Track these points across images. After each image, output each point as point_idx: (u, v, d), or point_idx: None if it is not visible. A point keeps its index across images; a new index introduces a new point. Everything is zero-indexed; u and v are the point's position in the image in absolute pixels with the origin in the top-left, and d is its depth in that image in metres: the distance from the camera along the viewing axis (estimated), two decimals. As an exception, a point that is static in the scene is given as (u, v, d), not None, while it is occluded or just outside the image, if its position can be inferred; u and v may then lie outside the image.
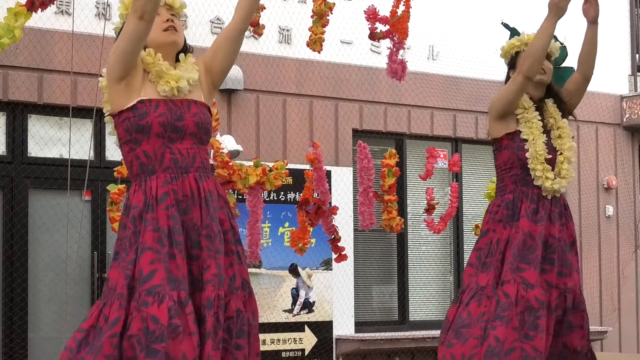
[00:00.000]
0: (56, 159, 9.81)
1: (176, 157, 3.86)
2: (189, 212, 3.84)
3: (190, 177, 3.87)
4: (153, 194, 3.82)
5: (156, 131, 3.85)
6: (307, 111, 11.25)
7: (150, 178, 3.85)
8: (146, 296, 3.70)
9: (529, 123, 5.00)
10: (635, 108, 13.52)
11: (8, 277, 9.54)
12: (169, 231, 3.77)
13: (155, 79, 3.94)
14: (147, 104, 3.87)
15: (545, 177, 4.94)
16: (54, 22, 9.60)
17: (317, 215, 6.21)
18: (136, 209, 3.82)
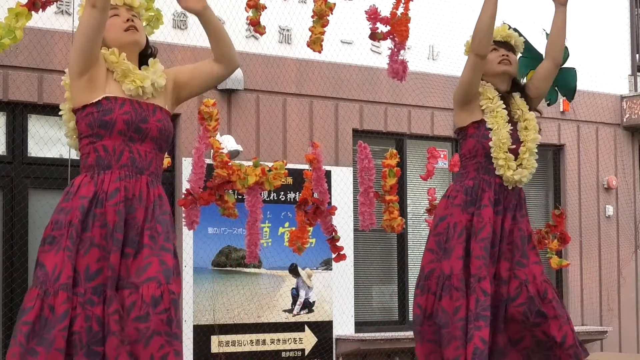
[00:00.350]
0: (56, 159, 9.81)
1: (134, 156, 3.91)
2: (133, 211, 3.87)
3: (143, 178, 3.92)
4: (105, 188, 3.86)
5: (119, 128, 3.88)
6: (307, 111, 11.25)
7: (105, 172, 3.88)
8: (92, 294, 3.74)
9: (494, 112, 5.02)
10: (635, 108, 13.52)
11: (8, 277, 9.54)
12: (112, 227, 3.81)
13: (120, 77, 3.96)
14: (112, 101, 3.91)
15: (507, 166, 4.96)
16: (54, 22, 9.60)
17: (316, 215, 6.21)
18: (85, 199, 3.84)
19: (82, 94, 3.94)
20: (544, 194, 13.12)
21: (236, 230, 10.36)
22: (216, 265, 10.49)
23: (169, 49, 10.20)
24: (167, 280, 3.78)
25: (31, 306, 3.77)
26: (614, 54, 13.49)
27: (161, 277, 3.78)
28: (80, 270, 3.79)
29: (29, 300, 3.79)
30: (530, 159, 5.02)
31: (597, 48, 12.91)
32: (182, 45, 10.31)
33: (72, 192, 3.92)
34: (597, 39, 13.02)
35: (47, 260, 3.86)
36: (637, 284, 13.64)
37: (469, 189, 4.99)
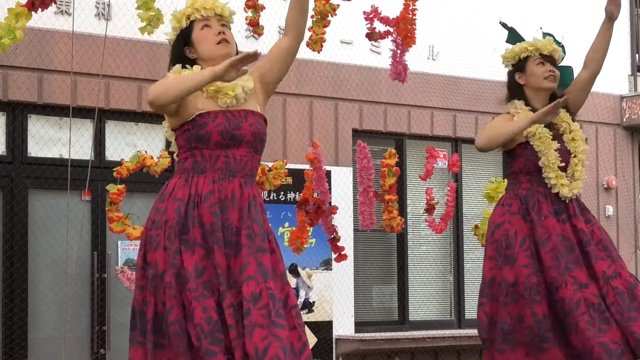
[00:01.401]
0: (56, 159, 9.81)
1: (229, 161, 4.05)
2: (226, 213, 3.99)
3: (235, 181, 4.04)
4: (199, 191, 4.00)
5: (215, 139, 4.04)
6: (307, 111, 11.25)
7: (199, 176, 4.03)
8: (203, 289, 3.88)
9: (537, 136, 5.09)
10: (635, 108, 13.53)
11: (8, 277, 9.54)
12: (210, 228, 3.95)
13: (213, 94, 4.09)
14: (205, 116, 4.05)
15: (561, 184, 5.03)
16: (54, 22, 9.60)
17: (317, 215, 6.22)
18: (181, 202, 3.99)
19: (177, 119, 4.10)
20: (543, 194, 13.13)
21: (236, 230, 10.35)
22: (216, 265, 10.49)
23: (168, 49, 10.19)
24: (264, 279, 3.92)
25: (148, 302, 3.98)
26: (614, 54, 13.44)
27: (259, 277, 3.92)
28: (189, 269, 3.92)
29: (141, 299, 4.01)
30: (582, 169, 5.11)
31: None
32: (182, 45, 10.31)
33: (166, 194, 4.07)
34: (597, 39, 13.00)
35: (152, 258, 4.03)
36: (637, 284, 13.64)
37: (523, 198, 5.07)
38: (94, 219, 9.94)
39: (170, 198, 4.03)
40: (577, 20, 12.83)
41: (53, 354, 9.42)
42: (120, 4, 9.75)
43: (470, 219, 12.04)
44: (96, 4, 9.99)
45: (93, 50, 9.64)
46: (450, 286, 12.34)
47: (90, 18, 9.81)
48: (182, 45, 4.31)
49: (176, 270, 3.93)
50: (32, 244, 9.69)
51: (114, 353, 9.86)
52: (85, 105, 9.58)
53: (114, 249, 9.97)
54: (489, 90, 12.12)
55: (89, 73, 9.68)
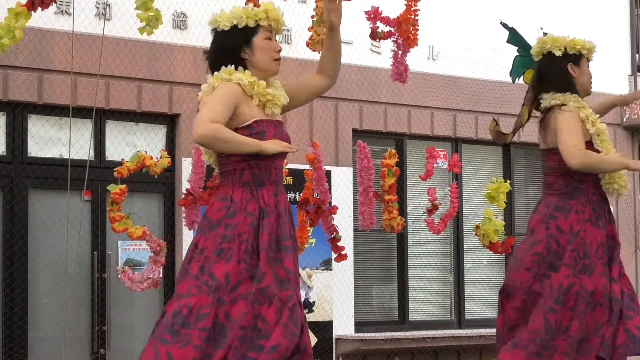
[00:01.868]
0: (56, 159, 9.81)
1: (278, 172, 4.31)
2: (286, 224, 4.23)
3: (282, 190, 4.30)
4: (267, 202, 4.18)
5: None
6: (307, 111, 11.25)
7: (262, 188, 4.20)
8: (260, 295, 4.05)
9: (601, 136, 5.12)
10: (635, 108, 13.52)
11: (8, 277, 9.54)
12: (277, 237, 4.16)
13: (263, 103, 4.25)
14: (261, 124, 4.24)
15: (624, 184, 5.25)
16: (54, 22, 9.60)
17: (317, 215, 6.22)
18: (253, 217, 4.15)
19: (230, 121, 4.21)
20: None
21: (236, 230, 10.35)
22: (216, 265, 10.49)
23: (168, 49, 10.21)
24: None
25: (207, 313, 4.03)
26: (614, 54, 13.49)
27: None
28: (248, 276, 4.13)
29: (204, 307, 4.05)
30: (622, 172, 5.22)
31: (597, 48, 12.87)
32: (182, 45, 10.31)
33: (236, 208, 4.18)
34: (597, 39, 12.97)
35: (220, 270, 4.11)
36: (637, 284, 13.63)
37: (595, 205, 5.13)
38: (94, 219, 9.93)
39: (242, 212, 4.16)
40: (579, 22, 12.83)
41: (53, 354, 9.42)
42: (120, 4, 9.75)
43: (470, 219, 12.04)
44: (96, 4, 9.99)
45: (93, 50, 9.64)
46: (450, 286, 12.33)
47: (90, 18, 9.81)
48: (241, 41, 4.31)
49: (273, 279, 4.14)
50: (32, 244, 9.69)
51: (114, 353, 9.86)
52: (85, 105, 9.58)
53: (114, 249, 9.97)
54: (489, 90, 12.12)
55: (89, 73, 9.67)
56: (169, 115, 10.40)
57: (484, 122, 12.04)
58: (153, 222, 10.08)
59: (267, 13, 4.30)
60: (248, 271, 4.08)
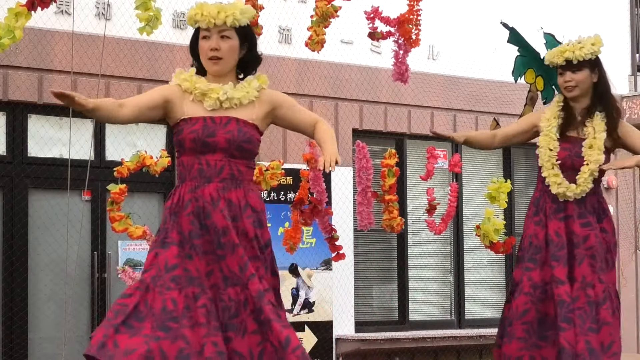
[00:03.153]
0: (56, 159, 9.80)
1: (202, 167, 4.22)
2: (209, 218, 4.17)
3: (211, 186, 4.19)
4: (182, 198, 4.22)
5: (188, 146, 4.23)
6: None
7: (183, 185, 4.25)
8: (170, 282, 4.08)
9: (545, 131, 5.22)
10: (635, 108, 13.52)
11: (8, 277, 9.53)
12: (188, 235, 4.16)
13: (200, 97, 4.26)
14: (188, 121, 4.25)
15: (556, 183, 5.16)
16: (54, 22, 9.59)
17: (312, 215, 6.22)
18: (169, 209, 4.25)
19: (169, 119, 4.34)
20: (544, 194, 13.11)
21: (236, 230, 10.35)
22: (216, 265, 10.49)
23: (168, 49, 10.20)
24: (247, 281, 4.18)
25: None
26: (614, 54, 13.47)
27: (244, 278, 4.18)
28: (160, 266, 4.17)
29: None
30: (588, 178, 5.16)
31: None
32: (182, 45, 10.30)
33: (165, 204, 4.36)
34: (597, 39, 13.00)
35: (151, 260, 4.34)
36: (637, 284, 13.63)
37: (536, 200, 5.27)
38: (94, 218, 9.93)
39: (165, 207, 4.33)
40: (580, 22, 12.82)
41: (53, 354, 9.42)
42: (120, 3, 9.75)
43: (470, 219, 12.03)
44: (96, 4, 9.98)
45: (93, 50, 9.63)
46: (450, 286, 12.33)
47: (90, 18, 9.81)
48: (195, 45, 4.39)
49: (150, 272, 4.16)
50: (32, 244, 9.69)
51: (114, 353, 9.85)
52: (85, 105, 9.56)
53: (114, 248, 9.96)
54: (489, 90, 12.12)
55: (89, 73, 9.67)
56: (169, 115, 10.39)
57: (484, 122, 12.03)
58: (153, 221, 10.08)
59: (199, 12, 4.29)
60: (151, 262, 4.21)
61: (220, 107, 4.26)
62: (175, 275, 4.10)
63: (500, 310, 5.76)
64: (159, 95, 4.28)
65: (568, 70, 5.23)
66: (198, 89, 4.26)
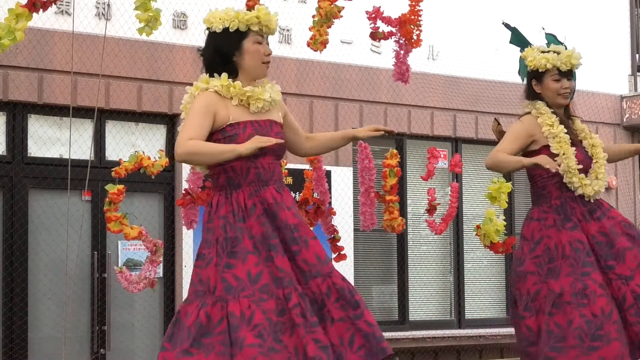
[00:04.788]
0: (56, 159, 9.80)
1: (259, 171, 4.31)
2: (277, 217, 4.25)
3: (270, 188, 4.31)
4: (241, 205, 4.26)
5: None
6: (307, 111, 11.24)
7: (237, 191, 4.28)
8: (261, 293, 4.12)
9: (557, 138, 5.19)
10: (635, 108, 13.52)
11: (8, 277, 9.53)
12: (262, 237, 4.21)
13: (245, 102, 4.32)
14: (235, 126, 4.29)
15: (584, 184, 5.16)
16: (54, 22, 9.59)
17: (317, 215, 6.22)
18: (225, 219, 4.24)
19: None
20: (544, 194, 13.11)
21: (236, 230, 10.34)
22: (216, 265, 10.47)
23: (168, 49, 10.20)
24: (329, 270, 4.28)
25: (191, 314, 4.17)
26: (614, 54, 13.48)
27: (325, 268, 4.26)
28: (243, 277, 4.16)
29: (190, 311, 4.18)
30: (604, 172, 5.25)
31: (597, 48, 12.90)
32: (182, 45, 10.31)
33: (212, 212, 4.31)
34: (597, 39, 13.01)
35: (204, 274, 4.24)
36: (637, 284, 13.63)
37: (558, 208, 5.19)
38: (94, 219, 9.93)
39: (215, 216, 4.27)
40: (580, 22, 12.82)
41: (53, 354, 9.42)
42: (120, 4, 9.75)
43: (470, 219, 12.03)
44: (96, 4, 9.98)
45: (93, 50, 9.63)
46: (450, 286, 12.33)
47: (90, 18, 9.81)
48: (233, 45, 4.41)
49: (226, 285, 4.14)
50: (32, 244, 9.68)
51: (113, 353, 9.86)
52: (85, 105, 9.58)
53: (114, 249, 9.96)
54: (489, 90, 12.11)
55: (89, 73, 9.67)
56: (169, 115, 10.39)
57: (484, 122, 12.03)
58: (152, 222, 10.08)
59: (258, 18, 4.38)
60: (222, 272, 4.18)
61: (261, 110, 4.35)
62: (264, 285, 4.15)
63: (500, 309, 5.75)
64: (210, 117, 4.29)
65: (565, 77, 5.27)
66: (245, 93, 4.32)
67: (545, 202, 5.23)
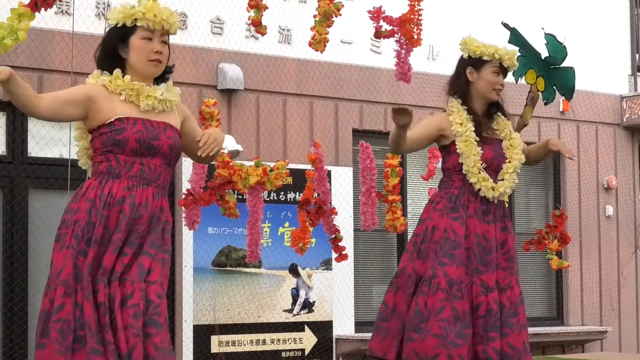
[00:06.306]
0: (56, 159, 9.80)
1: (144, 169, 4.14)
2: (138, 218, 4.12)
3: (149, 189, 4.16)
4: (112, 194, 4.09)
5: (132, 146, 4.11)
6: (307, 111, 11.24)
7: (114, 181, 4.13)
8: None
9: (463, 137, 5.19)
10: (635, 108, 13.52)
11: (8, 277, 9.54)
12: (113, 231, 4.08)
13: (134, 97, 4.16)
14: (125, 121, 4.12)
15: (485, 186, 5.13)
16: (54, 22, 9.59)
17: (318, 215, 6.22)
18: (92, 203, 4.08)
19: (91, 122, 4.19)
20: (544, 194, 13.12)
21: (236, 230, 10.36)
22: (216, 265, 10.49)
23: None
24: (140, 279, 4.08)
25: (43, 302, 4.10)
26: (614, 54, 13.48)
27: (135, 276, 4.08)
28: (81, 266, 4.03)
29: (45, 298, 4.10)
30: (512, 175, 5.21)
31: (597, 48, 12.91)
32: (182, 45, 10.30)
33: (80, 194, 4.15)
34: (597, 39, 13.02)
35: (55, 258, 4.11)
36: (637, 284, 13.64)
37: (453, 197, 5.16)
38: (94, 219, 9.92)
39: (83, 199, 4.11)
40: (579, 22, 12.83)
41: (53, 354, 9.41)
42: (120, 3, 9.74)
43: (470, 219, 12.02)
44: (96, 4, 9.98)
45: (93, 50, 9.60)
46: (450, 286, 12.32)
47: (90, 18, 9.81)
48: (117, 40, 4.27)
49: (77, 272, 4.01)
50: (32, 244, 9.69)
51: (114, 353, 9.85)
52: (86, 105, 9.56)
53: (114, 249, 9.96)
54: (489, 90, 12.11)
55: (89, 73, 9.61)
56: (169, 115, 10.39)
57: (484, 122, 12.03)
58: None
59: (144, 12, 4.21)
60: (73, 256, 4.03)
61: (152, 110, 4.19)
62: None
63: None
64: (80, 92, 4.19)
65: (502, 74, 5.30)
66: (134, 87, 4.16)
67: (445, 188, 5.21)
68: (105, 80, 4.21)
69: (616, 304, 13.33)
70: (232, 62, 10.53)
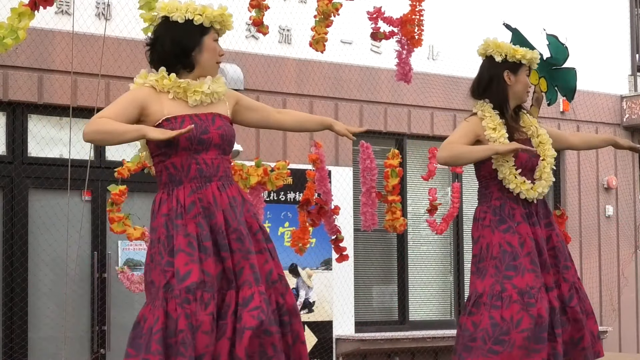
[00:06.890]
0: (56, 159, 9.80)
1: (201, 167, 4.13)
2: (213, 218, 4.09)
3: (213, 185, 4.13)
4: (181, 202, 4.09)
5: (183, 145, 4.11)
6: (308, 111, 11.23)
7: (178, 188, 4.12)
8: (186, 294, 3.97)
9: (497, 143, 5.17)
10: (635, 108, 13.52)
11: (8, 277, 9.53)
12: (197, 237, 4.05)
13: (182, 95, 4.18)
14: (172, 121, 4.13)
15: (525, 189, 5.10)
16: (54, 22, 9.59)
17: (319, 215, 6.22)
18: (167, 216, 4.10)
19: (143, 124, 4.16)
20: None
21: (236, 230, 10.35)
22: (216, 265, 10.48)
23: (169, 48, 10.19)
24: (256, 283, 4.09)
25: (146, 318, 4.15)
26: (614, 54, 13.48)
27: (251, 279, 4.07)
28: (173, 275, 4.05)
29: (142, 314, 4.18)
30: (549, 172, 5.18)
31: (597, 48, 12.90)
32: (182, 45, 10.30)
33: (155, 211, 4.17)
34: (597, 39, 13.02)
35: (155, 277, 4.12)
36: (637, 284, 13.64)
37: (497, 209, 5.15)
38: (94, 219, 9.93)
39: (158, 215, 4.13)
40: (579, 22, 12.83)
41: (53, 354, 9.41)
42: (120, 3, 9.75)
43: (470, 219, 12.00)
44: (96, 4, 9.98)
45: (93, 50, 9.63)
46: (450, 286, 12.33)
47: (90, 18, 9.80)
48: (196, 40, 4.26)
49: (166, 282, 4.02)
50: (32, 244, 9.68)
51: (114, 353, 9.85)
52: (86, 105, 9.56)
53: (114, 249, 9.96)
54: (489, 90, 12.10)
55: (89, 73, 9.66)
56: (169, 115, 10.39)
57: (484, 122, 12.02)
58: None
59: (222, 17, 4.26)
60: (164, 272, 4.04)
61: (201, 104, 4.19)
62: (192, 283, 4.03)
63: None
64: (133, 107, 4.17)
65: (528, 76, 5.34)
66: (180, 85, 4.18)
67: (485, 202, 5.21)
68: (152, 81, 4.23)
69: (616, 303, 13.33)
70: (232, 62, 10.53)
